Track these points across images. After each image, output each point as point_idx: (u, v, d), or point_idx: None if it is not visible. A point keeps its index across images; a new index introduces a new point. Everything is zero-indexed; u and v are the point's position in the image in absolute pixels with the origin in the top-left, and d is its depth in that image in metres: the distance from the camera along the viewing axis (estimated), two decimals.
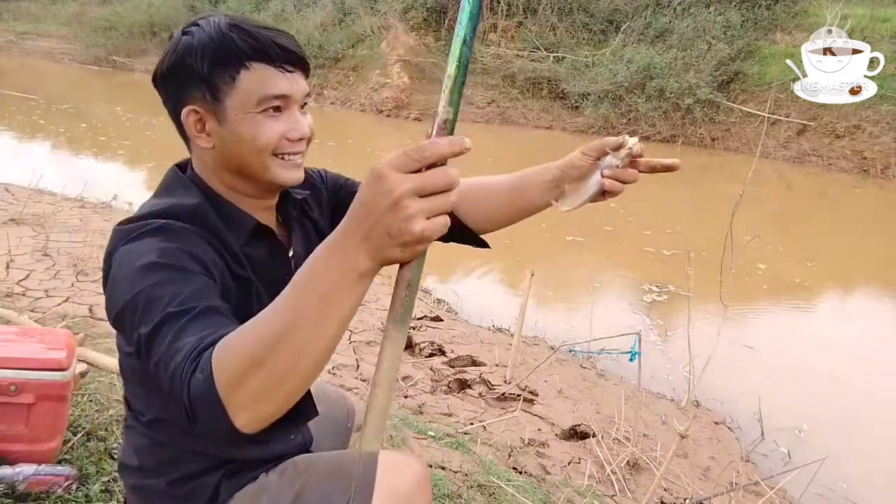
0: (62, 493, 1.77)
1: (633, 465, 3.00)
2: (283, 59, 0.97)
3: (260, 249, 1.05)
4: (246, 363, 0.69)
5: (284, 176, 1.01)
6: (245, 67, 0.95)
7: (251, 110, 0.96)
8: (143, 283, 0.84)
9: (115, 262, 0.90)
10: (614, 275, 6.26)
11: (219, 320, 0.81)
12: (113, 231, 0.97)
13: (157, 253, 0.87)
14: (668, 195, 9.47)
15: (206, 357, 0.72)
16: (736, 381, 4.01)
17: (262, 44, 0.95)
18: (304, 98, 1.02)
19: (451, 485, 2.32)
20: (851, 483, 3.20)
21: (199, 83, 0.96)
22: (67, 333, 2.06)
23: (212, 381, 0.70)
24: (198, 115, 0.98)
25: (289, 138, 0.99)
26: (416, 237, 0.65)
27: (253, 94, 0.96)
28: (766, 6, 12.97)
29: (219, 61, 0.95)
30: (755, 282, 5.84)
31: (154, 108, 8.15)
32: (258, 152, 0.98)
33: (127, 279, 0.86)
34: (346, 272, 0.68)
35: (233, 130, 0.97)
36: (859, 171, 10.59)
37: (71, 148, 9.73)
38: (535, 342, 4.43)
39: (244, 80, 0.95)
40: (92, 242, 4.78)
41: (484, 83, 13.97)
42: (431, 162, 0.66)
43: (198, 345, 0.75)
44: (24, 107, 11.88)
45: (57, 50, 19.60)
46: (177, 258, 0.87)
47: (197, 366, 0.73)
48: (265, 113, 0.97)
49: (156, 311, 0.81)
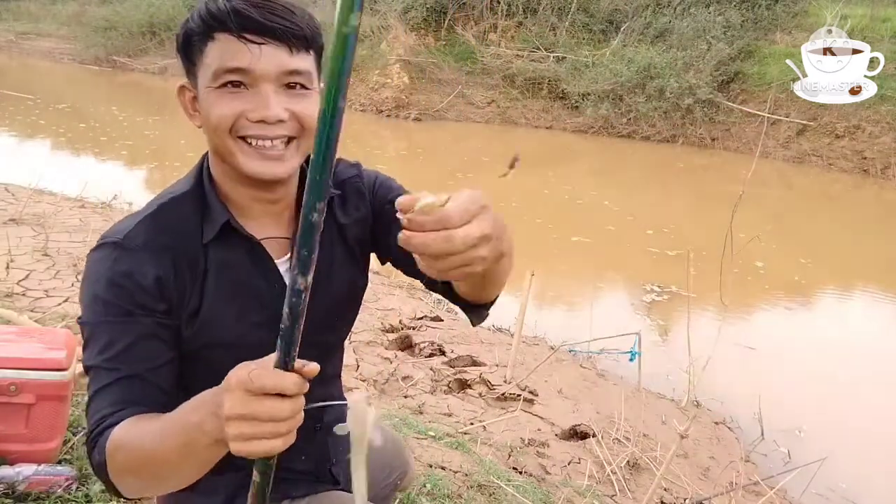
0: (62, 493, 1.77)
1: (633, 465, 3.00)
2: (244, 28, 0.85)
3: (234, 249, 0.96)
4: (129, 464, 0.81)
5: (250, 165, 0.90)
6: (211, 38, 0.87)
7: (210, 84, 0.88)
8: (90, 314, 0.89)
9: (86, 264, 0.94)
10: (614, 275, 6.26)
11: (132, 391, 0.87)
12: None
13: (109, 288, 0.88)
14: (669, 195, 9.48)
15: (103, 441, 0.83)
16: (736, 381, 4.00)
17: (222, 12, 0.85)
18: (290, 76, 0.88)
19: (451, 485, 2.32)
20: (851, 483, 3.20)
21: (182, 59, 0.92)
22: (67, 333, 2.06)
23: (104, 465, 0.83)
24: (188, 92, 0.94)
25: (248, 118, 0.88)
26: (236, 449, 0.69)
27: (211, 66, 0.87)
28: (766, 6, 12.97)
29: (190, 32, 0.89)
30: (755, 282, 5.84)
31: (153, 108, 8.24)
32: (214, 130, 0.89)
33: (84, 295, 0.91)
34: (201, 431, 0.73)
35: (201, 106, 0.91)
36: (859, 171, 10.59)
37: (71, 148, 9.73)
38: (535, 342, 4.43)
39: (209, 51, 0.88)
40: (92, 242, 4.78)
41: (484, 83, 13.97)
42: (271, 393, 0.67)
43: (101, 422, 0.85)
44: (21, 106, 11.88)
45: (57, 50, 19.59)
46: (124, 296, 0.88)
47: (96, 445, 0.84)
48: (223, 88, 0.87)
49: (91, 349, 0.89)
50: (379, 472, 1.29)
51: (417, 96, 13.88)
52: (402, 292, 4.97)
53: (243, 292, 0.97)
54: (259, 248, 0.97)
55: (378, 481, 1.28)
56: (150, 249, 0.91)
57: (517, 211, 7.06)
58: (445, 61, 14.46)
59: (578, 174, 9.99)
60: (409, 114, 13.52)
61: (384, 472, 1.31)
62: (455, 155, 11.36)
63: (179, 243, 0.93)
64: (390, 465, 1.34)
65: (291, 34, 0.87)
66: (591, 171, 10.49)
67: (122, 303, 0.88)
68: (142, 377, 0.88)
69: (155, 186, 8.11)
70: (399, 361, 3.68)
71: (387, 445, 1.36)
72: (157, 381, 0.90)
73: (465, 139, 12.61)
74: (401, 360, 3.72)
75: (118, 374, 0.87)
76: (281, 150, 0.90)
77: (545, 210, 7.65)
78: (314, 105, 0.91)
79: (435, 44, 14.86)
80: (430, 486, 2.26)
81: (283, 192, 0.98)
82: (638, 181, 10.11)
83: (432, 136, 12.52)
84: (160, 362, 0.91)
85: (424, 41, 14.80)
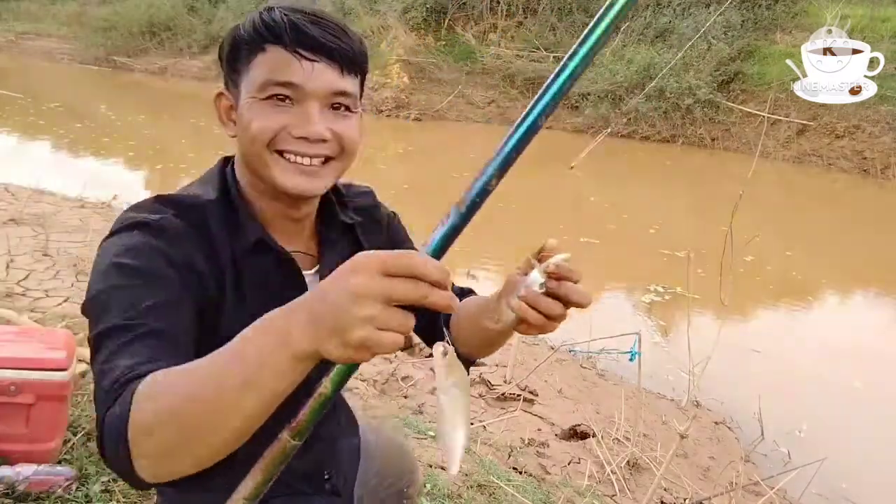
0: (62, 493, 1.77)
1: (633, 465, 3.00)
2: (299, 44, 0.85)
3: (266, 263, 0.94)
4: (161, 413, 0.65)
5: (284, 179, 0.88)
6: (262, 50, 0.87)
7: (255, 94, 0.87)
8: (106, 283, 0.79)
9: (98, 251, 0.84)
10: (614, 274, 6.26)
11: (160, 348, 0.75)
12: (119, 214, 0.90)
13: (132, 252, 0.81)
14: (668, 195, 9.48)
15: (128, 392, 0.67)
16: (736, 381, 4.00)
17: (279, 25, 0.85)
18: (337, 97, 0.89)
19: (451, 485, 2.32)
20: (851, 483, 3.20)
21: (224, 66, 0.92)
22: (67, 333, 2.06)
23: (126, 419, 0.65)
24: (225, 100, 0.93)
25: (291, 133, 0.87)
26: (358, 341, 0.59)
27: (259, 78, 0.87)
28: (766, 6, 12.98)
29: (238, 41, 0.89)
30: (755, 282, 5.84)
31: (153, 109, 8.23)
32: (252, 141, 0.87)
33: (96, 273, 0.81)
34: (281, 348, 0.62)
35: (240, 115, 0.89)
36: (859, 171, 10.59)
37: (71, 148, 9.73)
38: (535, 342, 4.43)
39: (258, 62, 0.87)
40: (92, 242, 4.78)
41: (484, 83, 13.98)
42: (412, 275, 0.60)
43: (126, 373, 0.70)
44: (19, 106, 11.87)
45: (56, 50, 19.59)
46: (150, 259, 0.81)
47: (117, 398, 0.68)
48: (270, 101, 0.86)
49: (105, 317, 0.76)
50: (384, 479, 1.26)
51: (417, 96, 13.88)
52: None
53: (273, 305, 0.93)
54: (291, 262, 0.96)
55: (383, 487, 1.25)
56: (183, 240, 0.85)
57: (517, 211, 7.06)
58: (445, 61, 14.47)
59: (578, 174, 9.99)
60: (409, 114, 13.52)
61: (388, 479, 1.28)
62: (455, 155, 11.36)
63: (210, 248, 0.89)
64: (398, 470, 1.32)
65: (345, 55, 0.88)
66: (590, 171, 10.49)
67: (145, 267, 0.80)
68: (173, 336, 0.77)
69: (155, 186, 8.11)
70: (399, 361, 3.68)
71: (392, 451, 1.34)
72: (188, 347, 0.79)
73: (465, 139, 12.61)
74: (401, 360, 3.72)
75: (144, 328, 0.75)
76: (317, 168, 0.90)
77: (545, 210, 7.65)
78: (355, 128, 0.92)
79: (435, 44, 14.87)
80: (430, 486, 2.26)
81: (307, 208, 0.98)
82: (637, 181, 10.11)
83: (432, 136, 12.53)
84: (189, 331, 0.81)
85: (424, 41, 14.81)
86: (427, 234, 0.68)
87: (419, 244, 0.66)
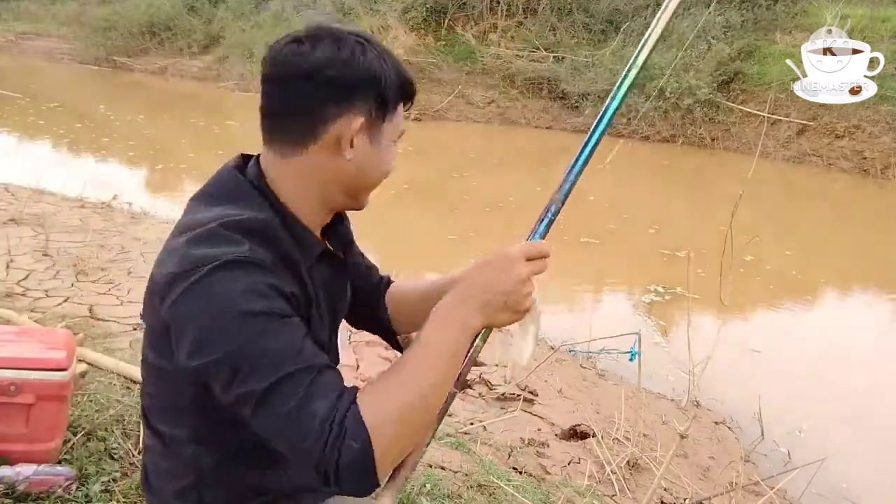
0: (62, 493, 1.77)
1: (633, 465, 3.00)
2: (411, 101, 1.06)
3: (323, 270, 1.02)
4: (400, 428, 0.80)
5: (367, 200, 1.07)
6: (402, 102, 1.02)
7: (395, 139, 1.01)
8: (247, 334, 0.81)
9: (198, 294, 0.83)
10: (614, 274, 6.26)
11: (336, 378, 0.84)
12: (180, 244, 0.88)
13: (250, 296, 0.82)
14: (668, 195, 9.48)
15: (353, 424, 0.78)
16: (736, 381, 4.01)
17: (412, 85, 1.03)
18: None
19: (451, 485, 2.32)
20: (851, 483, 3.20)
21: (373, 99, 0.95)
22: (67, 333, 2.06)
23: (369, 448, 0.78)
24: (362, 132, 0.95)
25: None
26: (524, 308, 0.90)
27: (399, 127, 1.02)
28: (766, 6, 12.97)
29: (400, 87, 0.99)
30: (755, 282, 5.84)
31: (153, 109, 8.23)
32: (381, 175, 1.02)
33: (226, 325, 0.81)
34: (465, 332, 0.87)
35: (379, 152, 0.99)
36: (859, 171, 10.59)
37: (71, 148, 9.73)
38: (535, 342, 4.42)
39: (398, 112, 1.01)
40: (92, 242, 4.78)
41: (484, 83, 13.97)
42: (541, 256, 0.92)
43: (335, 410, 0.79)
44: (19, 106, 11.87)
45: (56, 50, 19.58)
46: (270, 299, 0.83)
47: (344, 433, 0.78)
48: (394, 144, 1.03)
49: (269, 368, 0.80)
50: None
51: (417, 96, 13.83)
52: None
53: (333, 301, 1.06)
54: (343, 262, 1.11)
55: None
56: (277, 268, 0.88)
57: (517, 211, 7.06)
58: (445, 61, 14.45)
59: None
60: (409, 114, 13.37)
61: None
62: (455, 155, 11.37)
63: (294, 270, 0.92)
64: None
65: None
66: (590, 171, 10.46)
67: (277, 308, 0.84)
68: (332, 367, 0.85)
69: (155, 187, 8.12)
70: None
71: None
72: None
73: (465, 139, 12.62)
74: None
75: (315, 367, 0.82)
76: None
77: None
78: None
79: (435, 44, 14.86)
80: (430, 486, 2.26)
81: None
82: (637, 181, 10.10)
83: (432, 136, 12.52)
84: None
85: (424, 41, 14.80)
86: (427, 234, 0.70)
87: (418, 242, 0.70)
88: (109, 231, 5.27)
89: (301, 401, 0.79)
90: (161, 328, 0.88)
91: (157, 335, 0.91)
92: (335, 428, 0.77)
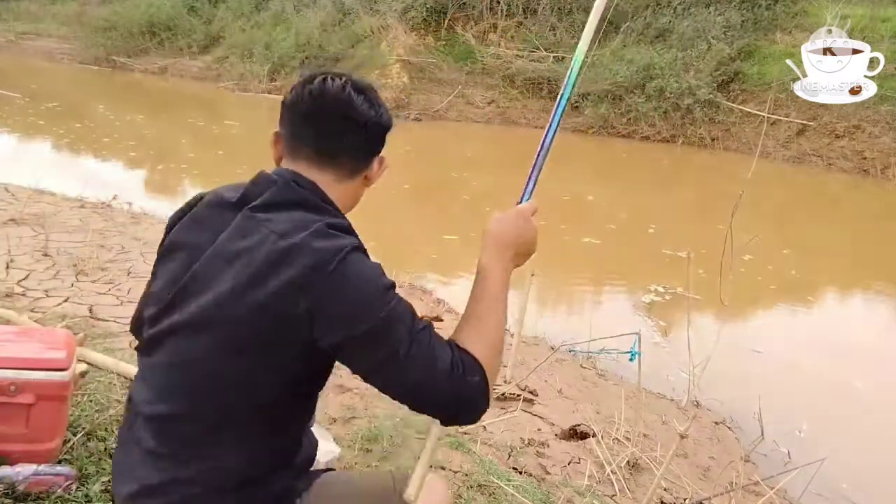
0: (62, 493, 1.77)
1: (633, 465, 2.99)
2: None
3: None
4: (496, 360, 1.11)
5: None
6: None
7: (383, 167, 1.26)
8: (391, 300, 1.05)
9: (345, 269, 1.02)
10: (614, 274, 6.26)
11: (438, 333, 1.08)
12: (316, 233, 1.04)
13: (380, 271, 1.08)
14: (668, 195, 9.48)
15: (470, 363, 1.06)
16: (736, 381, 4.00)
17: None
18: None
19: (451, 485, 2.32)
20: (851, 483, 3.20)
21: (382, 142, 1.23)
22: (67, 333, 2.06)
23: (486, 380, 1.07)
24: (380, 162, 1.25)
25: None
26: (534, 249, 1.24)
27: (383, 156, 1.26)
28: (766, 6, 12.97)
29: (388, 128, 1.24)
30: (755, 282, 5.84)
31: (153, 109, 8.19)
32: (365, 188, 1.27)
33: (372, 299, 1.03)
34: (507, 274, 1.17)
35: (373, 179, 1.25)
36: (859, 171, 10.59)
37: (71, 148, 9.73)
38: (535, 342, 4.43)
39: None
40: (92, 242, 4.78)
41: (484, 83, 13.97)
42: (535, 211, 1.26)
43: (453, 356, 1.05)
44: (19, 106, 11.87)
45: (56, 50, 19.58)
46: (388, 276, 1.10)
47: (464, 370, 1.04)
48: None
49: (406, 332, 1.03)
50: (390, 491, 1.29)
51: (417, 96, 13.88)
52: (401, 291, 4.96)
53: None
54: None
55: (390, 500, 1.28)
56: None
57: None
58: (445, 61, 14.46)
59: (578, 174, 9.99)
60: (409, 114, 13.52)
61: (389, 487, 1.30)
62: (455, 155, 11.37)
63: None
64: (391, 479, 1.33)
65: None
66: (590, 171, 10.49)
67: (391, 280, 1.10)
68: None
69: (155, 187, 8.11)
70: None
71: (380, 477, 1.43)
72: None
73: (465, 139, 12.62)
74: None
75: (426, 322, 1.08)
76: None
77: (544, 210, 7.64)
78: None
79: (435, 44, 14.86)
80: None
81: None
82: (637, 181, 10.11)
83: (432, 136, 12.53)
84: None
85: (424, 41, 14.80)
86: (427, 234, 0.69)
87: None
88: (109, 231, 5.27)
89: (431, 353, 1.03)
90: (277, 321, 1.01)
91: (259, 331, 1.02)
92: (458, 370, 1.03)
